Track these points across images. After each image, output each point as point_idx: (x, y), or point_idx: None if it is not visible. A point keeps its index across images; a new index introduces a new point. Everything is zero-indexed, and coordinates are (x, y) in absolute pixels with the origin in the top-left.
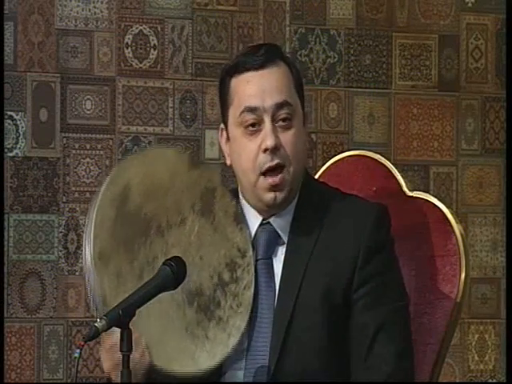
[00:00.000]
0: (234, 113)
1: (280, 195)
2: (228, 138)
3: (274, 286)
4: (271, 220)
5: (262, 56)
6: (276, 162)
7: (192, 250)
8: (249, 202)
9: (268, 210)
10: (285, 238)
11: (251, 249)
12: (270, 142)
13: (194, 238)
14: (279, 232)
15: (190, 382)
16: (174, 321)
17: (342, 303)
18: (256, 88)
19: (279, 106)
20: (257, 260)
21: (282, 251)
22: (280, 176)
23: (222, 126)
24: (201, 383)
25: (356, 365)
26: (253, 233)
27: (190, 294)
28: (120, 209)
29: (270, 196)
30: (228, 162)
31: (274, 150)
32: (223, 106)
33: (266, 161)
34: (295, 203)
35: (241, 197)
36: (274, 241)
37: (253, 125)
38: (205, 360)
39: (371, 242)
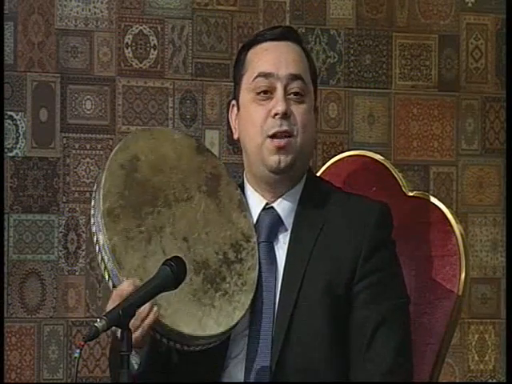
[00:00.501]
0: (247, 79)
1: (284, 159)
2: (238, 111)
3: (276, 270)
4: (275, 205)
5: (282, 30)
6: (284, 128)
7: (198, 226)
8: (253, 180)
9: (271, 181)
10: (287, 225)
11: (255, 236)
12: (281, 108)
13: (200, 216)
14: (282, 217)
15: (191, 382)
16: (182, 288)
17: (343, 297)
18: (273, 56)
19: (293, 77)
20: (259, 243)
21: (283, 238)
22: (286, 140)
23: (233, 102)
24: (201, 383)
25: (355, 358)
26: (256, 216)
27: (196, 265)
28: (129, 175)
29: (274, 159)
30: (235, 136)
31: (284, 116)
32: (236, 78)
33: (274, 125)
34: (300, 193)
35: (245, 181)
36: (276, 225)
37: (265, 91)
38: (211, 326)
39: (374, 239)
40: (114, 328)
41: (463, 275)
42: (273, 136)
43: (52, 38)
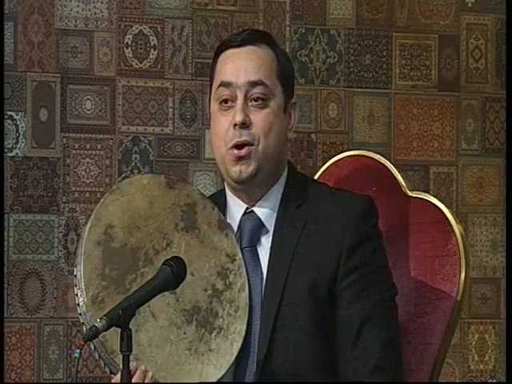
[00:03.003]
0: (213, 87)
1: (245, 169)
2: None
3: (261, 274)
4: (255, 208)
5: (244, 35)
6: (244, 138)
7: None
8: (229, 187)
9: (238, 187)
10: (269, 227)
11: (239, 252)
12: (238, 118)
13: (183, 257)
14: (263, 221)
15: (191, 382)
16: (177, 344)
17: (327, 294)
18: (232, 64)
19: (253, 84)
20: (242, 248)
21: (266, 240)
22: (245, 149)
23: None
24: (202, 383)
25: (342, 355)
26: (237, 222)
27: (187, 314)
28: (106, 249)
29: (235, 169)
30: (211, 140)
31: (243, 126)
32: (210, 82)
33: (234, 136)
34: (280, 193)
35: (226, 187)
36: (258, 229)
37: (226, 101)
38: (212, 373)
39: (356, 234)
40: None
41: (463, 275)
42: (233, 147)
43: (52, 38)
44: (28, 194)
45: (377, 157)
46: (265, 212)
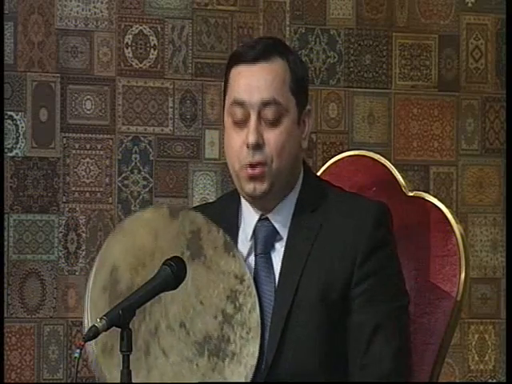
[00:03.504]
0: (227, 102)
1: (259, 187)
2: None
3: (274, 281)
4: (269, 216)
5: (257, 50)
6: (257, 159)
7: (191, 300)
8: (241, 195)
9: (253, 202)
10: (283, 234)
11: (248, 272)
12: (251, 139)
13: (191, 287)
14: (277, 228)
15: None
16: (190, 378)
17: (339, 300)
18: (245, 82)
19: (265, 103)
20: (256, 255)
21: (281, 245)
22: (259, 169)
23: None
24: (207, 383)
25: (353, 363)
26: (252, 228)
27: (199, 346)
28: (112, 293)
29: (249, 186)
30: (225, 150)
31: (256, 147)
32: (223, 92)
33: (247, 156)
34: (295, 200)
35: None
36: (272, 237)
37: (240, 119)
38: None
39: (370, 240)
40: None
41: (463, 275)
42: (247, 165)
43: (52, 38)
44: (28, 194)
45: (377, 157)
46: (279, 219)
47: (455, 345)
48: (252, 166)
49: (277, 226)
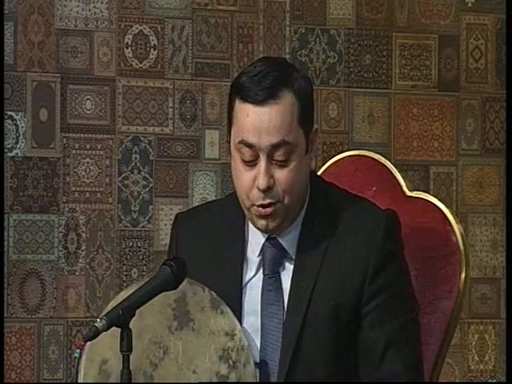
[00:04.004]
0: (234, 136)
1: (272, 223)
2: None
3: (283, 302)
4: (278, 237)
5: (265, 89)
6: (268, 201)
7: (184, 371)
8: None
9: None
10: (292, 254)
11: (238, 323)
12: (262, 183)
13: (182, 359)
14: (286, 248)
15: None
16: None
17: (351, 318)
18: (253, 124)
19: (276, 145)
20: (265, 275)
21: (289, 265)
22: (271, 208)
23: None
24: (205, 383)
25: (365, 379)
26: (259, 246)
27: None
28: None
29: (261, 222)
30: (233, 179)
31: (267, 189)
32: (228, 119)
33: (258, 198)
34: (302, 217)
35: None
36: (280, 257)
37: (249, 160)
38: None
39: (380, 254)
40: None
41: (463, 275)
42: (258, 205)
43: (52, 38)
44: (28, 194)
45: (377, 157)
46: (288, 240)
47: (455, 345)
48: (263, 206)
49: (285, 245)
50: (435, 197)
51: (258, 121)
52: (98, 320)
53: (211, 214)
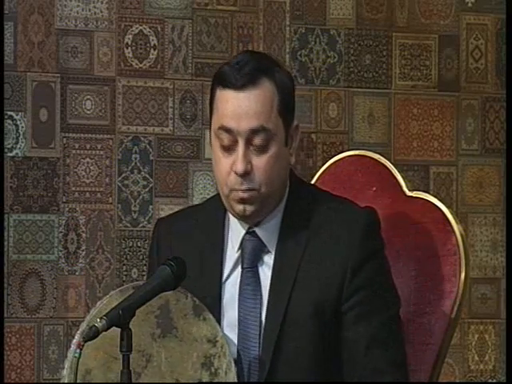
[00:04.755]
0: (214, 124)
1: (249, 208)
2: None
3: (261, 295)
4: (256, 229)
5: (244, 76)
6: (245, 186)
7: (167, 380)
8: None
9: (243, 221)
10: (271, 248)
11: (220, 330)
12: (239, 168)
13: (165, 367)
14: (264, 242)
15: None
16: None
17: (332, 315)
18: (232, 109)
19: (254, 131)
20: (243, 268)
21: (268, 260)
22: (248, 194)
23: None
24: (202, 383)
25: (350, 377)
26: (239, 240)
27: None
28: None
29: (239, 208)
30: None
31: (245, 175)
32: (210, 110)
33: (235, 183)
34: (281, 212)
35: None
36: (259, 250)
37: (228, 145)
38: None
39: (360, 252)
40: None
41: (463, 275)
42: (236, 190)
43: (52, 38)
44: (28, 194)
45: (377, 157)
46: (266, 233)
47: (455, 345)
48: (241, 190)
49: (264, 239)
50: (435, 197)
51: (237, 106)
52: (98, 320)
53: (191, 216)
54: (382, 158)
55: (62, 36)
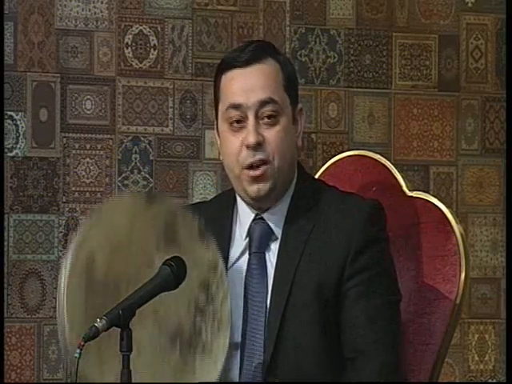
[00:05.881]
0: (221, 108)
1: (263, 187)
2: (219, 137)
3: (267, 280)
4: (264, 215)
5: (248, 53)
6: (258, 157)
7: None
8: (241, 197)
9: (256, 203)
10: (278, 234)
11: (221, 260)
12: (251, 139)
13: None
14: (272, 228)
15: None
16: (161, 374)
17: (334, 297)
18: (240, 85)
19: (263, 103)
20: (250, 253)
21: (275, 246)
22: (262, 168)
23: (215, 123)
24: (202, 383)
25: (347, 357)
26: (247, 227)
27: (171, 338)
28: (88, 281)
29: (253, 188)
30: (221, 158)
31: (257, 146)
32: (215, 102)
33: (247, 156)
34: (289, 199)
35: (236, 194)
36: (267, 236)
37: (237, 121)
38: None
39: (362, 238)
40: None
41: (463, 275)
42: (249, 167)
43: (52, 38)
44: (28, 194)
45: (377, 157)
46: (274, 219)
47: (455, 345)
48: (253, 167)
49: (272, 225)
50: (435, 197)
51: (243, 82)
52: (98, 320)
53: (204, 206)
54: (382, 158)
55: (62, 36)
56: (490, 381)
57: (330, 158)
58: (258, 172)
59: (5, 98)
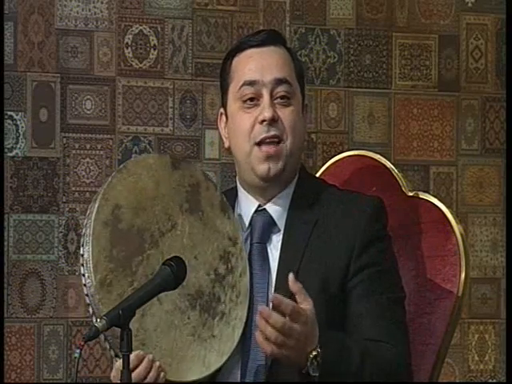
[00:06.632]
0: (233, 88)
1: (274, 166)
2: (227, 120)
3: (268, 271)
4: (267, 206)
5: (263, 35)
6: (273, 133)
7: (187, 253)
8: (245, 185)
9: (263, 184)
10: (280, 226)
11: (241, 235)
12: (268, 114)
13: (187, 240)
14: (274, 218)
15: (189, 381)
16: (181, 329)
17: (338, 293)
18: (256, 63)
19: (278, 81)
20: (251, 244)
21: (277, 238)
22: (275, 147)
23: (222, 110)
24: (202, 383)
25: None
26: (249, 218)
27: (191, 298)
28: (113, 230)
29: (263, 167)
30: (226, 145)
31: (272, 121)
32: (223, 87)
33: (261, 131)
34: (291, 192)
35: (238, 185)
36: (269, 226)
37: (251, 99)
38: (215, 360)
39: (368, 233)
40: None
41: (463, 275)
42: (261, 143)
43: (52, 38)
44: (28, 194)
45: (377, 157)
46: (276, 210)
47: (455, 345)
48: (266, 142)
49: (274, 216)
50: (435, 197)
51: (260, 59)
52: (98, 320)
53: None
54: (382, 158)
55: (62, 36)
56: (489, 381)
57: (330, 158)
58: (271, 150)
59: (5, 98)
